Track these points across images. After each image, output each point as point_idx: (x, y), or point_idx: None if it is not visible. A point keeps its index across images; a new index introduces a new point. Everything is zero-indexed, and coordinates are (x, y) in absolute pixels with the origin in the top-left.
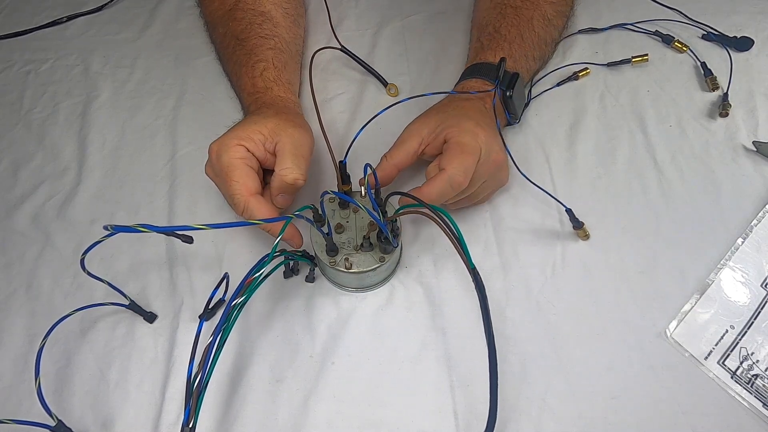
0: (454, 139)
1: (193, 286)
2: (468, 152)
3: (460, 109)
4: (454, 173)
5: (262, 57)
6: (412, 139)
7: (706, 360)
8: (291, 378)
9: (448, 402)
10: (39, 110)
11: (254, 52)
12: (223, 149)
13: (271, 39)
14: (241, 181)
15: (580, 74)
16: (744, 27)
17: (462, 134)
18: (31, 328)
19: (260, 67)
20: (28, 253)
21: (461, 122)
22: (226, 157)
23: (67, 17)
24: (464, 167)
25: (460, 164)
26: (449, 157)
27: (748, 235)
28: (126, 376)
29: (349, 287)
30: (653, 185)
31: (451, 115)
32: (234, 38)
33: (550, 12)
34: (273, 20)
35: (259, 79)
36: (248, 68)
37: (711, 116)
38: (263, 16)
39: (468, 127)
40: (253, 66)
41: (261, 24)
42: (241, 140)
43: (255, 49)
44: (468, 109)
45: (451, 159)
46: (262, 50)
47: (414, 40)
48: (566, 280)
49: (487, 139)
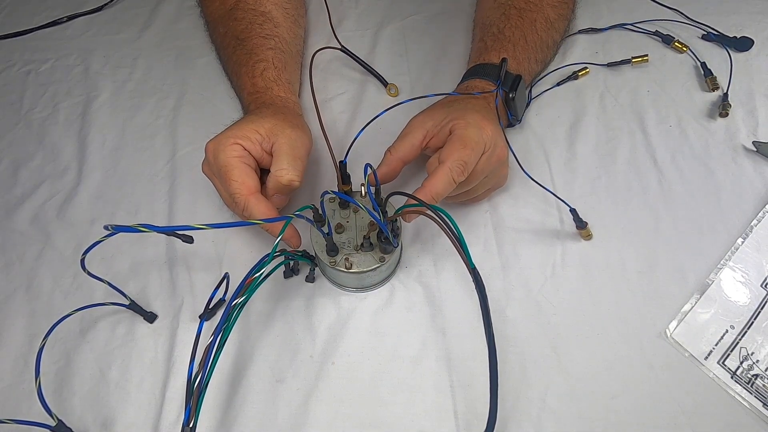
0: (458, 132)
1: (193, 286)
2: (470, 146)
3: (466, 104)
4: (453, 165)
5: (262, 57)
6: (416, 131)
7: (706, 360)
8: (291, 378)
9: (448, 402)
10: (39, 110)
11: (254, 52)
12: (220, 148)
13: (272, 39)
14: (240, 179)
15: (580, 74)
16: (744, 27)
17: (468, 127)
18: (31, 328)
19: (260, 67)
20: (28, 253)
21: (467, 115)
22: (223, 156)
23: (67, 17)
24: (464, 160)
25: (460, 157)
26: (450, 149)
27: (748, 235)
28: (126, 376)
29: (350, 287)
30: (653, 185)
31: (457, 108)
32: (234, 38)
33: (553, 15)
34: (274, 20)
35: (259, 79)
36: (248, 68)
37: (711, 116)
38: (264, 16)
39: (474, 120)
40: (253, 66)
41: (262, 24)
42: (238, 139)
43: (255, 49)
44: (474, 104)
45: (451, 151)
46: (263, 50)
47: (414, 40)
48: (566, 280)
49: (493, 133)
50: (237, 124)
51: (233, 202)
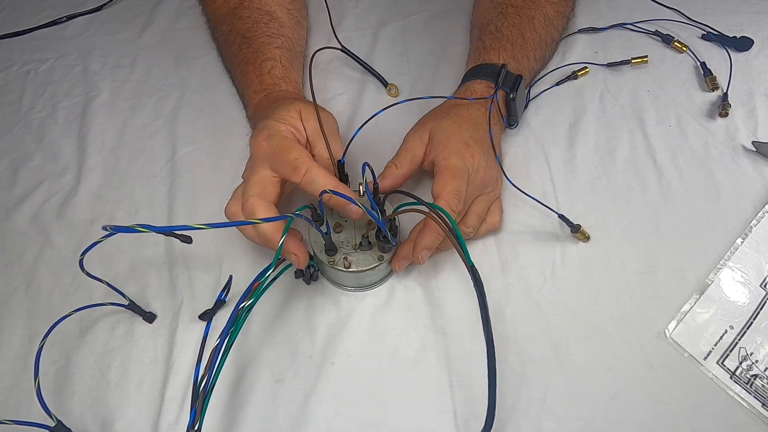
0: (442, 163)
1: (192, 286)
2: (457, 174)
3: (455, 121)
4: (450, 198)
5: (270, 56)
6: (417, 147)
7: (706, 360)
8: (291, 378)
9: (448, 402)
10: (38, 110)
11: (261, 51)
12: (273, 131)
13: (278, 38)
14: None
15: (580, 73)
16: (744, 27)
17: (450, 156)
18: (31, 328)
19: (268, 66)
20: (28, 253)
21: (450, 141)
22: (278, 137)
23: (67, 17)
24: (457, 189)
25: (454, 188)
26: (441, 183)
27: (747, 235)
28: (125, 376)
29: (349, 286)
30: (653, 185)
31: (443, 130)
32: (240, 36)
33: (551, 12)
34: (279, 20)
35: (267, 77)
36: (255, 66)
37: (711, 116)
38: (269, 16)
39: (456, 147)
40: (260, 64)
41: (267, 23)
42: (285, 121)
43: (262, 48)
44: (464, 120)
45: (444, 185)
46: (270, 49)
47: (414, 40)
48: (566, 280)
49: (473, 158)
50: (275, 112)
51: (296, 166)
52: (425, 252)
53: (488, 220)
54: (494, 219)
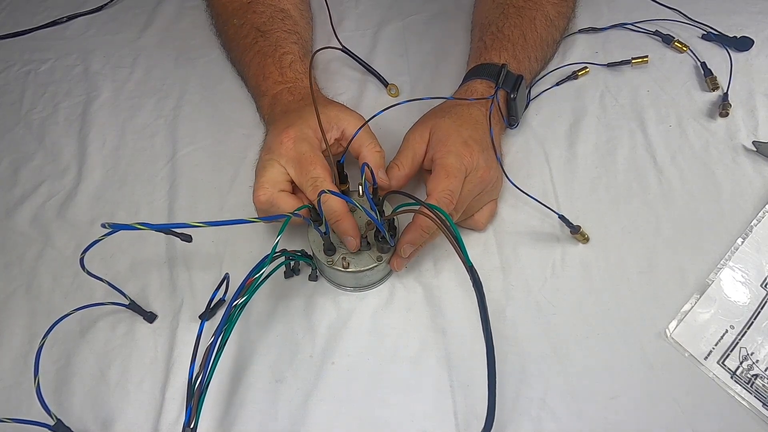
0: (439, 161)
1: (193, 286)
2: (452, 174)
3: (455, 120)
4: (441, 197)
5: (288, 50)
6: (418, 146)
7: (706, 360)
8: (291, 378)
9: (448, 402)
10: (39, 110)
11: (280, 45)
12: (302, 135)
13: (294, 34)
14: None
15: (580, 73)
16: (744, 27)
17: (448, 155)
18: (31, 327)
19: (288, 59)
20: (28, 253)
21: (449, 140)
22: (305, 145)
23: (67, 17)
24: (449, 189)
25: (445, 187)
26: (435, 181)
27: (748, 235)
28: (126, 376)
29: (348, 287)
30: (653, 185)
31: (443, 129)
32: (255, 29)
33: (553, 12)
34: (293, 18)
35: (288, 70)
36: (275, 59)
37: (711, 116)
38: (284, 13)
39: (455, 147)
40: (280, 57)
41: (283, 19)
42: (312, 127)
43: (280, 42)
44: (465, 119)
45: (437, 183)
46: (287, 43)
47: (414, 40)
48: (566, 280)
49: (472, 157)
50: (305, 110)
51: (312, 185)
52: (407, 246)
53: (475, 216)
54: (481, 217)
